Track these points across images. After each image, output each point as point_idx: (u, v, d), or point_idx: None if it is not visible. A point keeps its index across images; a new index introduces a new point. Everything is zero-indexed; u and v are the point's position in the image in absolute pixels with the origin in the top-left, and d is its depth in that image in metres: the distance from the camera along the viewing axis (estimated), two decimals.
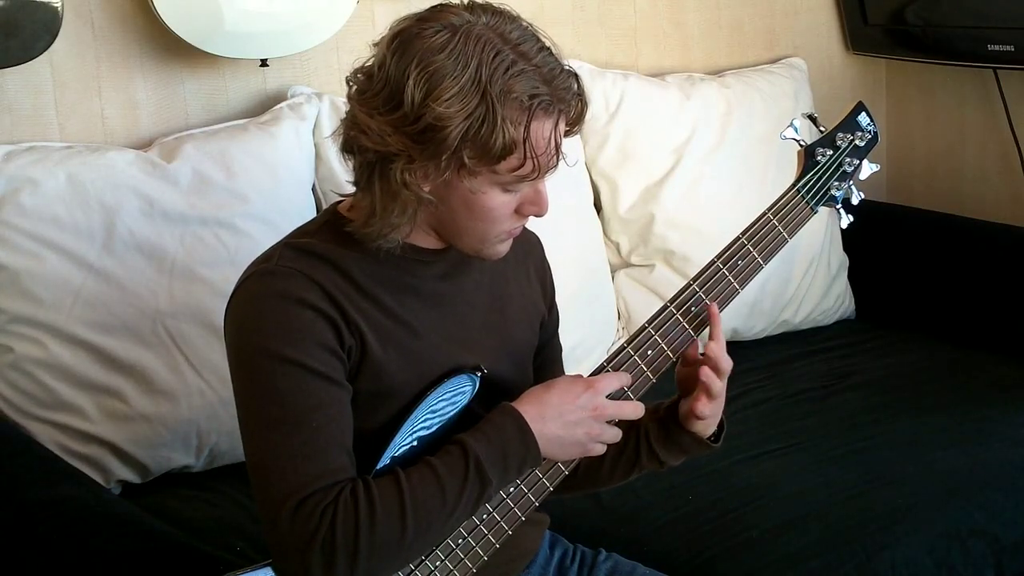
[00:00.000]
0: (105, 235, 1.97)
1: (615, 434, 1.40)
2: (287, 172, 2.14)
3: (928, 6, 2.76)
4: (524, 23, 1.32)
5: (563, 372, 1.62)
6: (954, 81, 2.91)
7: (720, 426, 1.51)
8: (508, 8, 1.33)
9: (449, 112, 1.25)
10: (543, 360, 1.58)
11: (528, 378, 1.52)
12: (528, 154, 1.28)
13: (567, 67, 1.32)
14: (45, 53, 1.95)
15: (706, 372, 1.42)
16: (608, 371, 1.42)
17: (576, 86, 1.32)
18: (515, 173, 1.30)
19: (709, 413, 1.44)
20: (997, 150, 2.85)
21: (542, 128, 1.29)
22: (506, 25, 1.30)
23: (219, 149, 2.10)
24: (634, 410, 1.40)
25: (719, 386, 1.43)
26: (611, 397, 1.39)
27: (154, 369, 1.98)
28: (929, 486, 1.95)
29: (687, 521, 1.90)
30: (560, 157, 1.33)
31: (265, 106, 2.27)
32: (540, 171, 1.31)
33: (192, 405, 2.00)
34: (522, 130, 1.27)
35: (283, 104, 2.23)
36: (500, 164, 1.29)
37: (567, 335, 1.67)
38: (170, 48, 2.17)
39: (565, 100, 1.30)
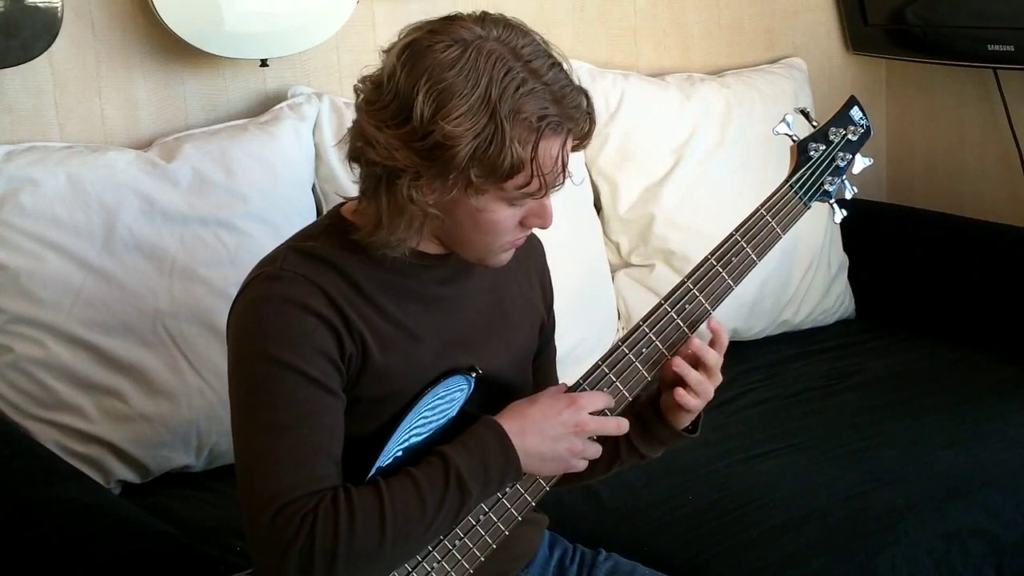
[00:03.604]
0: (105, 235, 1.97)
1: (596, 450, 1.40)
2: (287, 172, 2.14)
3: (928, 6, 2.76)
4: (536, 36, 1.31)
5: (556, 376, 1.62)
6: (954, 81, 2.91)
7: (697, 416, 1.50)
8: (520, 21, 1.32)
9: (458, 131, 1.24)
10: (539, 364, 1.58)
11: (528, 381, 1.52)
12: (535, 172, 1.28)
13: (577, 83, 1.32)
14: (45, 53, 1.95)
15: (678, 362, 1.41)
16: (603, 369, 1.42)
17: (585, 104, 1.32)
18: (522, 190, 1.30)
19: (694, 405, 1.43)
20: (997, 150, 2.85)
21: (550, 148, 1.29)
22: (518, 40, 1.29)
23: (219, 149, 2.10)
24: (617, 426, 1.40)
25: (696, 376, 1.42)
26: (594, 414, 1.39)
27: (154, 369, 1.98)
28: (929, 486, 1.95)
29: (687, 521, 1.90)
30: (567, 175, 1.33)
31: (265, 106, 2.27)
32: (546, 188, 1.31)
33: (192, 405, 2.00)
34: (530, 149, 1.27)
35: (283, 104, 2.23)
36: (507, 182, 1.28)
37: (567, 335, 1.67)
38: (170, 48, 2.17)
39: (574, 119, 1.30)
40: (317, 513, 1.25)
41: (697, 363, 1.43)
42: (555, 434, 1.36)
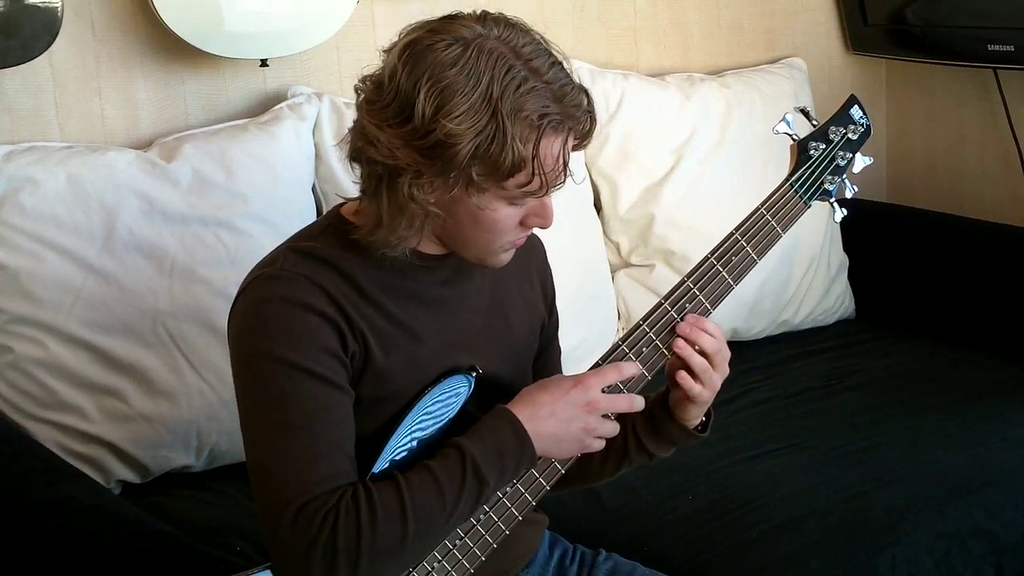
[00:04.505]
0: (105, 235, 1.97)
1: (613, 428, 1.40)
2: (287, 172, 2.14)
3: (928, 6, 2.76)
4: (536, 35, 1.32)
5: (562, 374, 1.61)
6: (954, 81, 2.91)
7: (707, 415, 1.50)
8: (520, 20, 1.32)
9: (459, 129, 1.25)
10: (543, 363, 1.58)
11: (528, 381, 1.50)
12: (536, 171, 1.28)
13: (578, 82, 1.32)
14: (45, 53, 1.95)
15: (680, 344, 1.41)
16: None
17: (586, 102, 1.32)
18: (523, 189, 1.30)
19: (698, 392, 1.42)
20: (997, 150, 2.85)
21: (551, 146, 1.29)
22: (518, 39, 1.29)
23: (219, 149, 2.10)
24: (628, 402, 1.40)
25: (699, 361, 1.42)
26: (608, 391, 1.39)
27: (154, 369, 1.98)
28: (929, 486, 1.95)
29: (687, 521, 1.90)
30: (568, 174, 1.33)
31: (265, 106, 2.27)
32: (547, 187, 1.31)
33: (192, 405, 2.00)
34: (531, 148, 1.27)
35: (283, 104, 2.23)
36: (508, 180, 1.29)
37: (567, 335, 1.67)
38: (170, 48, 2.17)
39: (575, 117, 1.30)
40: (339, 510, 1.25)
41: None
42: (567, 415, 1.36)
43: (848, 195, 1.56)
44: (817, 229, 2.64)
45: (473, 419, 1.37)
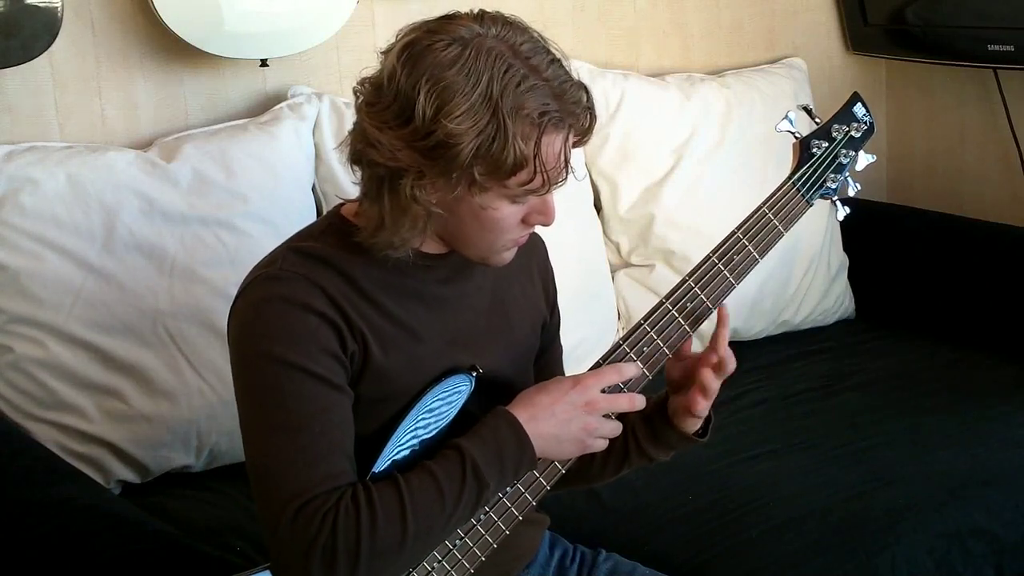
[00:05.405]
0: (105, 235, 1.97)
1: (614, 428, 1.40)
2: (287, 172, 2.14)
3: (928, 6, 2.77)
4: (534, 33, 1.32)
5: (563, 374, 1.61)
6: (954, 81, 2.91)
7: (707, 419, 1.51)
8: (518, 18, 1.32)
9: (460, 129, 1.24)
10: (544, 363, 1.58)
11: (529, 380, 1.51)
12: (538, 169, 1.28)
13: (577, 79, 1.32)
14: (45, 53, 1.96)
15: (707, 374, 1.42)
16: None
17: (586, 99, 1.32)
18: (525, 187, 1.30)
19: (704, 411, 1.45)
20: (997, 150, 2.85)
21: (552, 144, 1.29)
22: (516, 37, 1.29)
23: (219, 149, 2.10)
24: (629, 402, 1.40)
25: (716, 386, 1.43)
26: (608, 391, 1.39)
27: (154, 369, 1.98)
28: (929, 486, 1.95)
29: (687, 521, 1.90)
30: (569, 171, 1.33)
31: (265, 106, 2.27)
32: (549, 184, 1.31)
33: (192, 405, 2.00)
34: (532, 146, 1.27)
35: (283, 104, 2.23)
36: (510, 179, 1.29)
37: (568, 335, 1.67)
38: (170, 48, 2.17)
39: (575, 114, 1.30)
40: (338, 510, 1.25)
41: (716, 364, 1.44)
42: (566, 416, 1.36)
43: (851, 193, 1.55)
44: (817, 229, 2.64)
45: (474, 419, 1.37)
